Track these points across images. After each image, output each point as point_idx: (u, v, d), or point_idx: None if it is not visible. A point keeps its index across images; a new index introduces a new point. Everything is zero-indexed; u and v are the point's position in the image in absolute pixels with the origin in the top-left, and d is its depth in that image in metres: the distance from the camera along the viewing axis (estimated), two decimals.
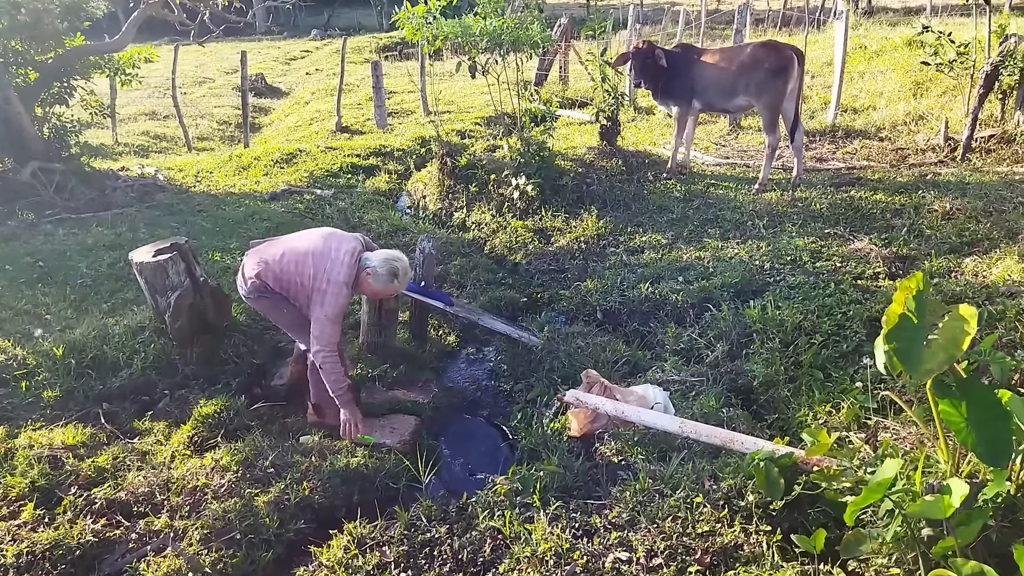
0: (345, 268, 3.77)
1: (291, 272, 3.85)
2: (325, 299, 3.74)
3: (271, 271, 3.89)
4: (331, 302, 3.73)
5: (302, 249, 3.90)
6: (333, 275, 3.75)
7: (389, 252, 3.91)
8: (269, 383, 4.57)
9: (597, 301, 5.68)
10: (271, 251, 3.98)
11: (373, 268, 3.80)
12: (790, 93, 6.63)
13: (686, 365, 4.65)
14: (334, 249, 3.83)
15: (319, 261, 3.80)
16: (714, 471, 2.95)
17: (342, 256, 3.80)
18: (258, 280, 3.92)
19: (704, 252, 6.06)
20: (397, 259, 3.87)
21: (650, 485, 2.91)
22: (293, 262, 3.86)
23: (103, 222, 7.63)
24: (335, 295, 3.74)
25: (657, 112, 11.23)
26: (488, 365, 5.14)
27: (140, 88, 19.04)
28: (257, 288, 3.94)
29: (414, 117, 14.15)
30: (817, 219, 6.36)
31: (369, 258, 3.85)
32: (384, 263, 3.82)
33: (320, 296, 3.76)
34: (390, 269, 3.82)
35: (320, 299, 3.76)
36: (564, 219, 7.17)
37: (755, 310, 4.93)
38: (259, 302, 4.05)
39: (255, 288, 3.94)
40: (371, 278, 3.83)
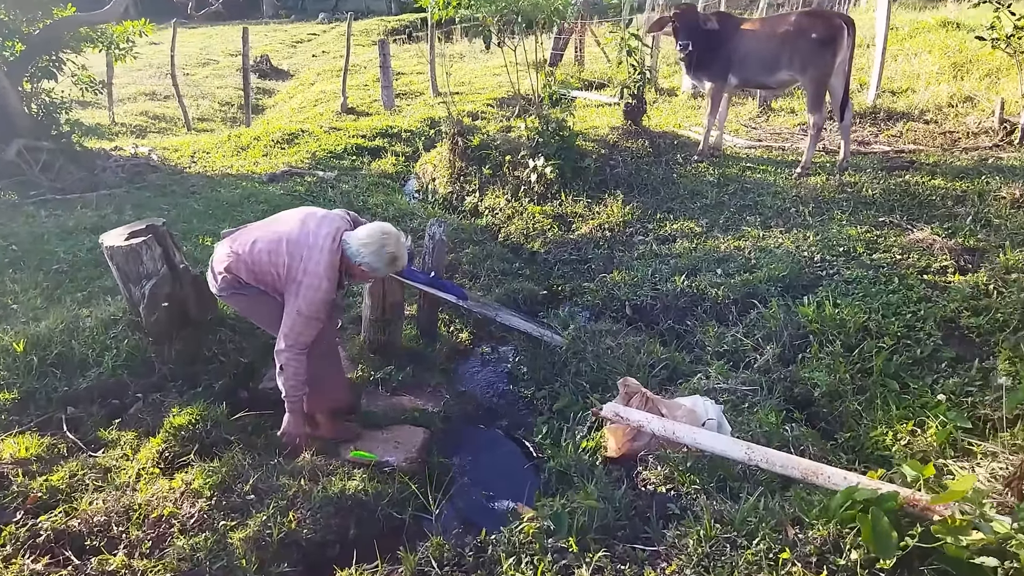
0: (325, 255, 3.19)
1: (264, 263, 3.27)
2: (300, 291, 3.18)
3: (243, 262, 3.32)
4: (307, 296, 3.17)
5: (276, 235, 3.30)
6: (311, 264, 3.18)
7: (374, 231, 3.25)
8: (257, 386, 4.01)
9: (626, 295, 5.10)
10: (243, 239, 3.40)
11: (367, 263, 3.22)
12: (839, 66, 5.99)
13: (733, 371, 4.07)
14: (311, 233, 3.25)
15: (294, 248, 3.22)
16: (797, 514, 2.36)
17: (320, 241, 3.22)
18: (229, 274, 3.35)
19: (744, 241, 5.45)
20: (387, 236, 3.25)
21: (718, 532, 2.32)
22: (266, 251, 3.27)
23: (88, 203, 7.08)
24: (312, 288, 3.17)
25: (680, 93, 10.58)
26: (506, 366, 4.57)
27: (142, 68, 18.58)
28: (229, 283, 3.37)
29: (423, 98, 13.53)
30: (869, 206, 5.74)
31: (354, 246, 3.22)
32: (377, 251, 3.20)
33: (295, 288, 3.19)
34: (386, 256, 3.23)
35: (295, 291, 3.19)
36: (586, 204, 6.57)
37: (810, 308, 4.34)
38: (234, 300, 3.47)
39: (227, 284, 3.37)
40: (364, 267, 3.25)
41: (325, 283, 3.19)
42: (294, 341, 3.21)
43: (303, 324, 3.20)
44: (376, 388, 3.97)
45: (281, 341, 3.23)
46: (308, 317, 3.19)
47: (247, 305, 3.50)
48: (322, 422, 3.60)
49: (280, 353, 3.24)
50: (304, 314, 3.18)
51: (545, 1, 6.29)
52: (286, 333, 3.20)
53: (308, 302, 3.17)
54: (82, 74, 9.09)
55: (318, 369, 3.49)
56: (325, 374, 3.60)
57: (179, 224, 6.31)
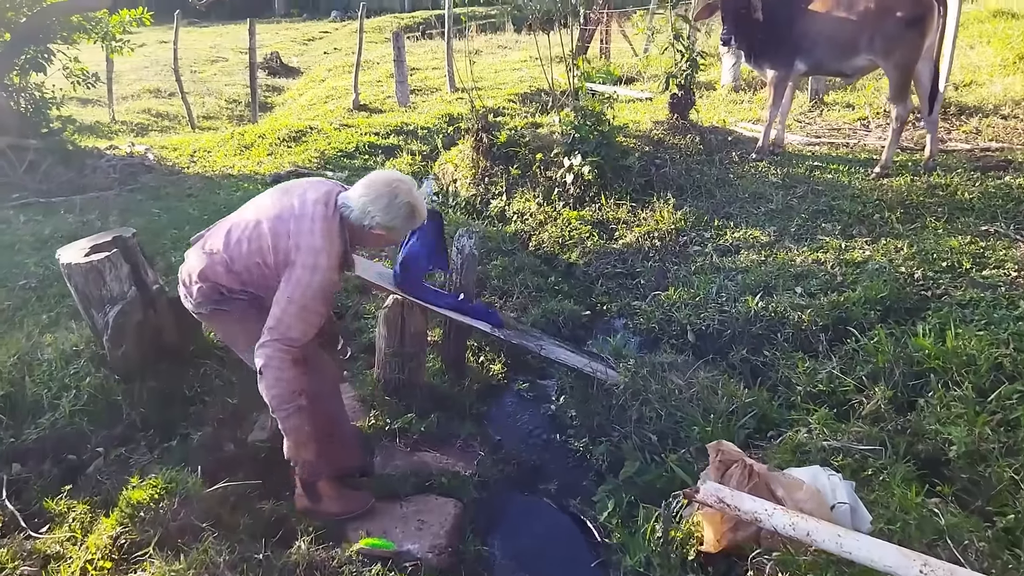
0: (319, 223, 2.51)
1: (245, 255, 2.57)
2: (293, 275, 2.48)
3: (219, 263, 2.61)
4: (301, 279, 2.47)
5: (253, 219, 2.61)
6: (302, 239, 2.49)
7: (376, 181, 2.58)
8: (246, 437, 3.24)
9: (687, 318, 4.30)
10: (214, 236, 2.69)
11: (381, 222, 2.53)
12: (927, 50, 5.16)
13: (837, 420, 3.25)
14: (297, 204, 2.57)
15: (278, 225, 2.54)
16: None
17: (309, 209, 2.54)
18: (205, 282, 2.63)
19: (824, 254, 4.64)
20: (398, 183, 2.57)
21: None
22: (245, 240, 2.58)
23: (73, 207, 6.36)
24: (307, 268, 2.47)
25: (718, 86, 9.75)
26: (549, 408, 3.77)
27: (148, 64, 17.95)
28: (207, 295, 2.64)
29: (439, 94, 12.76)
30: (967, 212, 4.91)
31: (357, 205, 2.54)
32: (389, 203, 2.52)
33: (288, 272, 2.50)
34: (404, 208, 2.55)
35: (287, 276, 2.50)
36: (630, 209, 5.76)
37: (926, 339, 3.52)
38: (216, 319, 2.73)
39: (205, 296, 2.65)
40: (379, 228, 2.56)
41: (323, 258, 2.49)
42: (280, 334, 2.47)
43: (295, 314, 2.48)
44: (393, 442, 3.19)
45: (265, 333, 2.49)
46: (302, 306, 2.47)
47: (232, 325, 2.74)
48: (325, 492, 2.82)
49: (261, 348, 2.48)
50: (296, 301, 2.47)
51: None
52: (271, 325, 2.48)
53: (303, 286, 2.46)
54: (74, 66, 8.38)
55: (318, 420, 2.72)
56: (327, 426, 2.82)
57: (169, 231, 5.58)
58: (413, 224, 2.64)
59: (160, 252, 5.18)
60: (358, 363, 3.96)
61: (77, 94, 8.81)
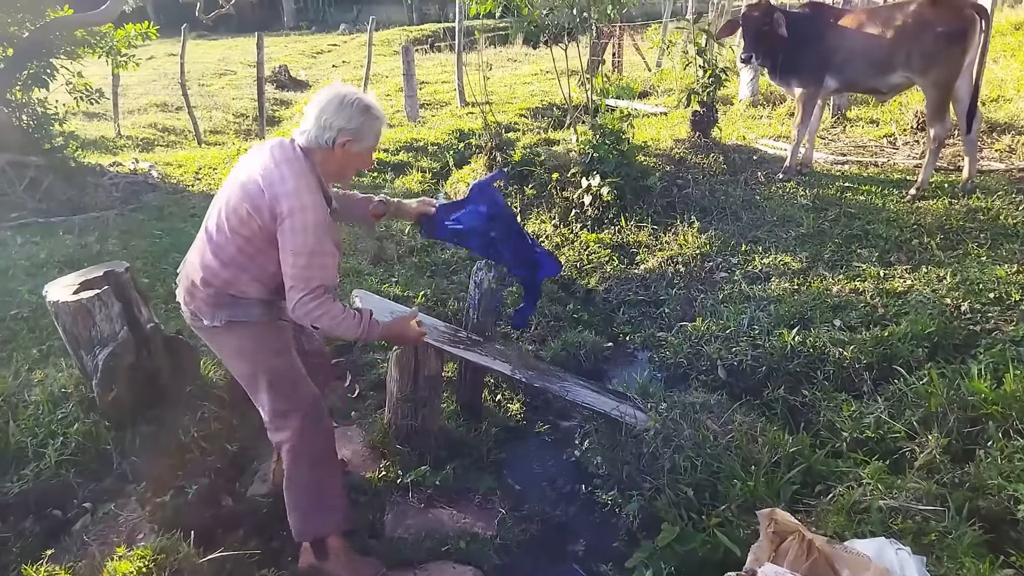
0: (284, 166, 2.32)
1: (230, 236, 2.36)
2: (284, 228, 2.28)
3: (211, 262, 2.40)
4: (295, 225, 2.27)
5: (223, 200, 2.41)
6: (277, 188, 2.28)
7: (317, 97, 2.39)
8: (246, 490, 2.98)
9: (718, 353, 4.03)
10: (198, 240, 2.51)
11: (343, 128, 2.33)
12: (967, 66, 4.89)
13: (890, 472, 2.97)
14: (258, 162, 2.38)
15: (249, 188, 2.33)
16: None
17: (270, 157, 2.36)
18: (209, 287, 2.42)
19: (862, 283, 4.36)
20: (340, 87, 2.40)
21: None
22: (224, 220, 2.38)
23: (72, 228, 6.14)
24: (296, 211, 2.26)
25: (736, 102, 9.50)
26: (572, 453, 3.49)
27: (156, 78, 17.85)
28: (215, 303, 2.43)
29: (449, 109, 12.57)
30: (1011, 238, 4.62)
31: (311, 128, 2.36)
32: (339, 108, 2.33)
33: (279, 229, 2.29)
34: (357, 107, 2.35)
35: (280, 233, 2.30)
36: (651, 232, 5.50)
37: (983, 381, 3.24)
38: (229, 335, 2.49)
39: (213, 304, 2.44)
40: (353, 142, 2.37)
41: (306, 197, 2.28)
42: (304, 289, 2.31)
43: (306, 264, 2.30)
44: (406, 497, 2.92)
45: (290, 296, 2.34)
46: (309, 252, 2.29)
47: (245, 343, 2.50)
48: (334, 551, 2.59)
49: (295, 310, 2.34)
50: (302, 252, 2.28)
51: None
52: (291, 286, 2.33)
53: (300, 231, 2.27)
54: (78, 81, 8.20)
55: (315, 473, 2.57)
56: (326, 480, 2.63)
57: (171, 255, 5.34)
58: (375, 123, 2.41)
59: (160, 278, 4.95)
60: (367, 403, 3.70)
61: (82, 108, 8.64)
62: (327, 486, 2.60)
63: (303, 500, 2.57)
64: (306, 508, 2.57)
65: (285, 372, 2.55)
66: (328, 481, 2.61)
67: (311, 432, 2.54)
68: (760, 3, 5.50)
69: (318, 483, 2.58)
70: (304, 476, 2.55)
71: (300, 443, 2.53)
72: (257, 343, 2.51)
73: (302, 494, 2.57)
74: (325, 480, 2.60)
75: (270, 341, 2.53)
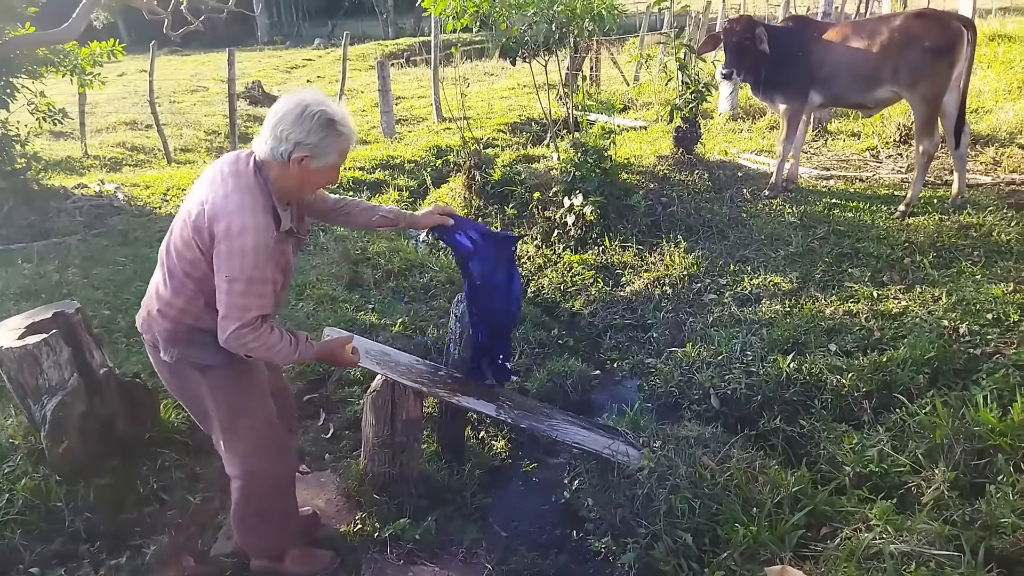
0: (230, 181, 2.11)
1: (176, 259, 2.20)
2: (219, 251, 2.07)
3: (164, 290, 2.24)
4: (232, 248, 2.05)
5: (176, 222, 2.24)
6: (218, 205, 2.07)
7: (277, 107, 2.13)
8: (208, 548, 2.75)
9: (710, 381, 3.86)
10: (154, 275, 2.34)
11: (301, 143, 2.07)
12: (955, 80, 4.80)
13: (900, 512, 2.81)
14: (207, 178, 2.20)
15: (193, 207, 2.15)
16: None
17: (218, 172, 2.17)
18: (165, 320, 2.25)
19: (855, 304, 4.23)
20: (303, 96, 2.13)
21: None
22: (172, 244, 2.22)
23: (31, 256, 5.85)
24: (233, 234, 2.04)
25: (716, 115, 9.42)
26: (562, 495, 3.29)
27: (125, 95, 17.50)
28: (170, 336, 2.27)
29: (426, 124, 12.39)
30: (1005, 255, 4.52)
31: (268, 141, 2.11)
32: (298, 118, 2.07)
33: (215, 252, 2.08)
34: (319, 120, 2.08)
35: (216, 256, 2.08)
36: (636, 252, 5.34)
37: (989, 411, 3.09)
38: (192, 378, 2.34)
39: (169, 338, 2.27)
40: (311, 158, 2.11)
41: (248, 217, 2.05)
42: (239, 319, 2.08)
43: (242, 292, 2.07)
44: (383, 553, 2.70)
45: (221, 327, 2.10)
46: (247, 279, 2.06)
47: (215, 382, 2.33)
48: (290, 553, 2.63)
49: (228, 341, 2.11)
50: (238, 278, 2.05)
51: (584, 7, 5.10)
52: (224, 314, 2.10)
53: (236, 255, 2.04)
54: (40, 101, 7.91)
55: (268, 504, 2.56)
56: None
57: (134, 284, 5.09)
58: (338, 139, 2.14)
59: (123, 309, 4.70)
60: (342, 443, 3.48)
61: (46, 128, 8.34)
62: (280, 513, 2.58)
63: (252, 524, 2.54)
64: (256, 532, 2.56)
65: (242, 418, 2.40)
66: (282, 508, 2.58)
67: (264, 474, 2.46)
68: (741, 17, 5.39)
69: (270, 512, 2.54)
70: (255, 507, 2.50)
71: (252, 483, 2.45)
72: (212, 390, 2.33)
73: (250, 519, 2.52)
74: (278, 508, 2.57)
75: (225, 386, 2.34)
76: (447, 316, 4.30)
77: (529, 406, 3.29)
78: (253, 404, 2.42)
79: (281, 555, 2.63)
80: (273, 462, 2.48)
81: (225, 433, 2.39)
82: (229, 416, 2.37)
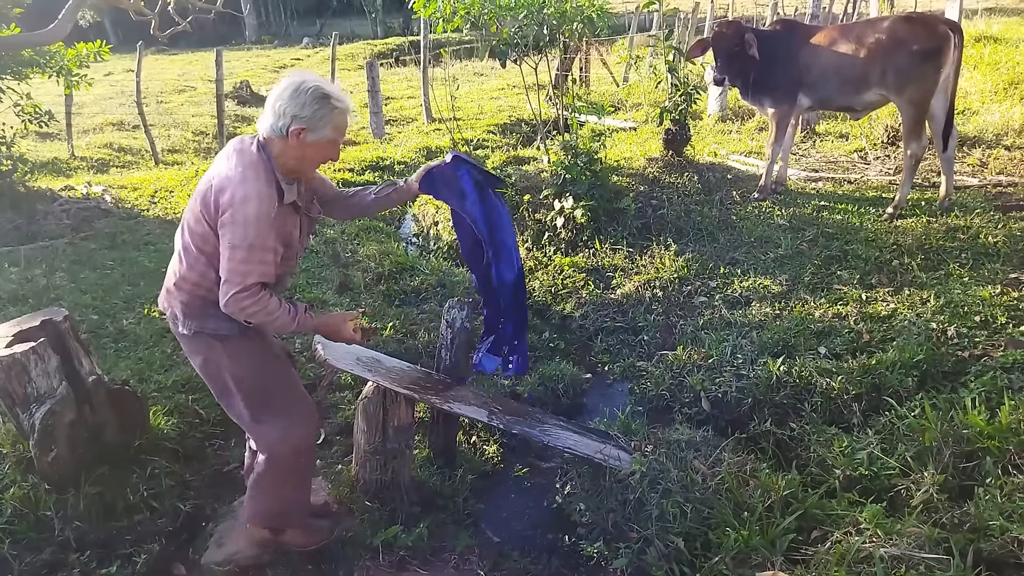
0: (235, 158, 2.25)
1: (188, 238, 2.31)
2: (224, 220, 2.17)
3: (178, 266, 2.37)
4: (236, 216, 2.15)
5: (189, 205, 2.35)
6: (225, 180, 2.19)
7: (276, 88, 2.27)
8: (199, 556, 2.73)
9: (700, 384, 3.88)
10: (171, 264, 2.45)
11: (299, 118, 2.20)
12: (942, 83, 4.84)
13: (890, 515, 2.83)
14: (217, 160, 2.33)
15: (202, 183, 2.29)
16: None
17: (227, 153, 2.31)
18: (181, 292, 2.37)
19: (844, 306, 4.25)
20: (299, 75, 2.28)
21: None
22: (186, 221, 2.34)
23: (17, 260, 5.80)
24: (238, 202, 2.15)
25: (705, 116, 9.45)
26: (554, 499, 3.29)
27: (112, 96, 17.37)
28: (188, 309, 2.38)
29: (415, 125, 12.36)
30: (992, 258, 4.56)
31: (267, 119, 2.25)
32: (294, 94, 2.21)
33: (220, 222, 2.19)
34: (314, 94, 2.21)
35: (221, 225, 2.19)
36: (627, 255, 5.35)
37: (977, 414, 3.12)
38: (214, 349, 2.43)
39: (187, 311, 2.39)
40: (307, 131, 2.23)
41: (251, 187, 2.16)
42: (239, 284, 2.19)
43: (243, 259, 2.17)
44: (376, 560, 2.69)
45: (222, 290, 2.21)
46: (248, 246, 2.16)
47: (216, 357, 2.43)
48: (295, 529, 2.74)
49: (227, 305, 2.21)
50: (240, 245, 2.16)
51: (574, 9, 5.11)
52: (226, 279, 2.21)
53: (240, 224, 2.14)
54: (25, 104, 7.84)
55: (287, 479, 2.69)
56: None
57: (122, 288, 5.06)
58: (333, 112, 2.25)
59: (111, 314, 4.66)
60: (333, 449, 3.47)
61: (32, 130, 8.27)
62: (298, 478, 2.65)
63: (268, 487, 2.60)
64: (272, 495, 2.61)
65: (265, 385, 2.51)
66: (300, 474, 2.66)
67: (293, 435, 2.52)
68: (731, 23, 5.42)
69: (288, 478, 2.60)
70: (277, 471, 2.55)
71: (280, 447, 2.51)
72: (231, 359, 2.43)
73: (268, 483, 2.58)
74: (297, 474, 2.64)
75: (244, 355, 2.45)
76: (438, 320, 4.32)
77: (521, 411, 3.29)
78: (279, 366, 2.56)
79: (284, 525, 2.69)
80: (302, 423, 2.56)
81: (251, 399, 2.47)
82: (255, 380, 2.47)
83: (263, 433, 2.51)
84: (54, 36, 7.58)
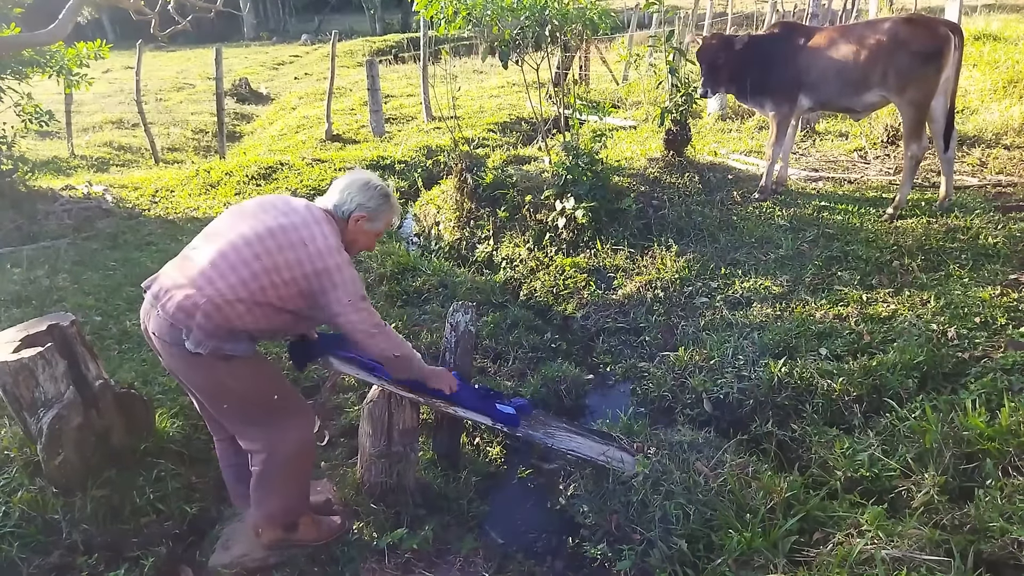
0: (324, 225, 2.46)
1: (249, 276, 2.34)
2: (331, 281, 2.41)
3: (213, 295, 2.32)
4: (345, 278, 2.43)
5: (249, 236, 2.37)
6: (320, 243, 2.40)
7: (342, 180, 2.66)
8: (206, 559, 2.75)
9: (702, 385, 3.90)
10: (192, 267, 2.39)
11: (362, 205, 2.57)
12: (943, 85, 4.85)
13: (891, 516, 2.85)
14: (292, 214, 2.45)
15: (284, 237, 2.38)
16: None
17: (307, 214, 2.47)
18: (203, 318, 2.32)
19: (845, 308, 4.27)
20: (362, 173, 2.69)
21: None
22: (251, 259, 2.35)
23: (20, 261, 5.81)
24: (340, 266, 2.42)
25: (705, 115, 9.46)
26: (558, 501, 3.32)
27: (111, 94, 17.36)
28: (208, 332, 2.34)
29: (415, 123, 12.36)
30: (992, 258, 4.58)
31: (334, 199, 2.60)
32: (363, 187, 2.60)
33: (329, 283, 2.40)
34: (377, 191, 2.62)
35: (326, 286, 2.40)
36: (628, 255, 5.37)
37: (977, 416, 3.14)
38: (218, 368, 2.42)
39: (205, 334, 2.34)
40: (367, 220, 2.60)
41: (345, 254, 2.48)
42: (369, 322, 2.51)
43: (359, 307, 2.47)
44: (381, 563, 2.71)
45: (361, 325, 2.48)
46: (360, 297, 2.48)
47: (243, 377, 2.49)
48: (302, 521, 2.79)
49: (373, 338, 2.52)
50: (354, 296, 2.45)
51: (576, 11, 5.11)
52: (354, 321, 2.47)
53: (347, 282, 2.43)
54: (26, 104, 7.85)
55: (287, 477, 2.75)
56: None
57: (124, 289, 5.07)
58: (390, 210, 2.66)
59: (114, 315, 4.68)
60: (338, 451, 3.49)
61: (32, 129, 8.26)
62: (302, 477, 2.74)
63: (278, 488, 2.66)
64: (280, 495, 2.67)
65: (270, 393, 2.57)
66: (303, 474, 2.74)
67: (296, 437, 2.60)
68: (714, 35, 5.46)
69: (293, 477, 2.69)
70: (282, 473, 2.62)
71: (283, 448, 2.57)
72: (235, 377, 2.47)
73: (276, 484, 2.64)
74: (302, 473, 2.73)
75: (254, 370, 2.53)
76: (441, 321, 4.34)
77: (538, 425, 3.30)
78: (278, 379, 2.66)
79: (295, 524, 2.75)
80: (304, 426, 2.66)
81: (257, 408, 2.54)
82: (261, 391, 2.54)
83: (265, 435, 2.55)
84: (54, 36, 7.58)
